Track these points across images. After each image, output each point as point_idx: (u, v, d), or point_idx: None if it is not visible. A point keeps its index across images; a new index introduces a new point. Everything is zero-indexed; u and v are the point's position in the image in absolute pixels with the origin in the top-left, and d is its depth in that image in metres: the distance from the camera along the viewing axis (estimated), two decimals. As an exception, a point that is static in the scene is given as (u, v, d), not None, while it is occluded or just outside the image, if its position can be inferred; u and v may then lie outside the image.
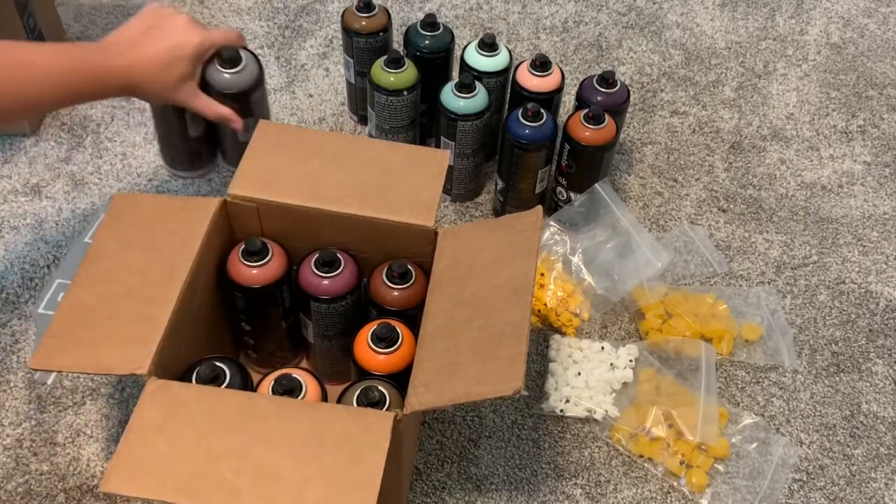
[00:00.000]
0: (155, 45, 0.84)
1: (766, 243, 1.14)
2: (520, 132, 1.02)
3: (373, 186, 0.84)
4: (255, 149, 0.87)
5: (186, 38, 0.85)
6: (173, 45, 0.85)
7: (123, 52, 0.83)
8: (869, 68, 1.38)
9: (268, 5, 1.40)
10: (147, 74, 0.84)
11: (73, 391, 0.94)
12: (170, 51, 0.84)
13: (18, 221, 1.09)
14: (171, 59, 0.84)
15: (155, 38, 0.85)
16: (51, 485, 0.88)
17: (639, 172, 1.21)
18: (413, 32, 1.11)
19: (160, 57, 0.84)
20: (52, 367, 0.71)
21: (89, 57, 0.82)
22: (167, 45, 0.84)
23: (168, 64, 0.84)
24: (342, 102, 1.26)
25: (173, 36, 0.85)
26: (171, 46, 0.85)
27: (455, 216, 1.15)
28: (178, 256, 0.77)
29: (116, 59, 0.83)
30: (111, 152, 1.17)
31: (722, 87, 1.34)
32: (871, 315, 1.07)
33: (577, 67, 1.34)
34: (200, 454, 0.65)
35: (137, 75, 0.84)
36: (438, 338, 0.73)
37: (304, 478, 0.64)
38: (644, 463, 0.92)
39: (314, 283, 0.83)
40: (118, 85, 0.84)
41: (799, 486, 0.92)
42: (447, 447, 0.93)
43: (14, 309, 1.00)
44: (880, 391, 1.00)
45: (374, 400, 0.72)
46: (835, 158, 1.25)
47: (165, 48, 0.84)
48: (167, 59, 0.84)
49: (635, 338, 1.03)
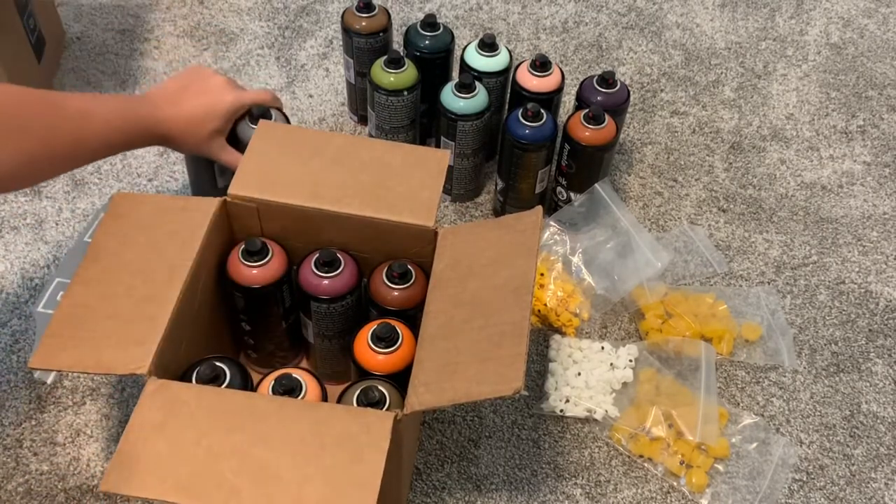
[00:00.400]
0: (192, 101, 0.90)
1: (766, 243, 1.14)
2: (520, 132, 1.02)
3: (373, 186, 0.84)
4: (255, 149, 0.87)
5: (221, 96, 0.91)
6: (208, 103, 0.90)
7: (163, 106, 0.89)
8: (869, 68, 1.38)
9: (268, 5, 1.40)
10: (182, 128, 0.89)
11: (73, 391, 0.94)
12: (205, 107, 0.90)
13: (18, 221, 1.09)
14: (206, 115, 0.90)
15: (193, 95, 0.90)
16: (51, 485, 0.88)
17: (639, 172, 1.21)
18: (413, 32, 1.11)
19: (195, 112, 0.90)
20: (52, 367, 0.71)
21: (138, 108, 0.87)
22: (203, 102, 0.90)
23: (202, 120, 0.90)
24: (342, 102, 1.26)
25: (209, 94, 0.91)
26: (207, 104, 0.90)
27: (455, 216, 1.15)
28: (178, 256, 0.77)
29: (159, 111, 0.88)
30: (111, 152, 1.17)
31: (722, 87, 1.34)
32: (871, 315, 1.07)
33: (577, 67, 1.34)
34: (200, 454, 0.65)
35: (175, 128, 0.89)
36: (438, 338, 0.73)
37: (305, 477, 0.64)
38: (644, 463, 0.92)
39: (314, 283, 0.83)
40: (158, 135, 0.88)
41: (799, 486, 0.92)
42: (447, 447, 0.93)
43: (14, 309, 1.00)
44: (880, 391, 1.00)
45: (374, 400, 0.72)
46: (835, 158, 1.25)
47: (201, 104, 0.90)
48: (202, 115, 0.90)
49: (635, 338, 1.03)
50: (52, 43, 1.25)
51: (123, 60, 1.30)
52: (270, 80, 1.28)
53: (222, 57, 1.31)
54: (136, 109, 0.87)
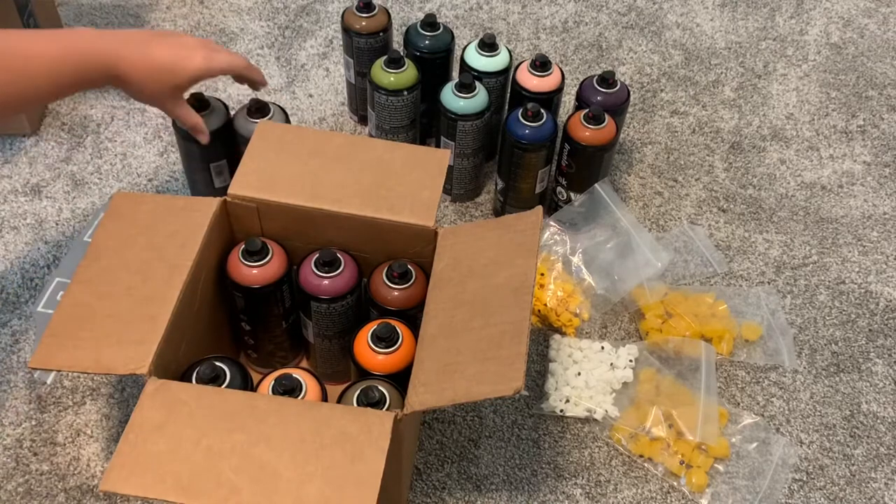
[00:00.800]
0: (162, 49, 0.85)
1: (766, 243, 1.14)
2: (520, 132, 1.02)
3: (373, 186, 0.84)
4: (255, 149, 0.87)
5: (192, 53, 0.87)
6: (179, 56, 0.86)
7: (129, 45, 0.84)
8: (869, 68, 1.38)
9: (268, 5, 1.40)
10: (144, 74, 0.84)
11: (73, 391, 0.94)
12: (174, 60, 0.86)
13: (18, 221, 1.09)
14: (173, 67, 0.86)
15: (165, 44, 0.86)
16: (51, 485, 0.88)
17: (639, 172, 1.21)
18: (413, 32, 1.11)
19: (163, 61, 0.85)
20: (52, 367, 0.71)
21: (98, 41, 0.83)
22: (173, 54, 0.86)
23: (168, 71, 0.85)
24: (342, 102, 1.26)
25: (182, 49, 0.87)
26: (177, 57, 0.86)
27: (455, 216, 1.15)
28: (178, 256, 0.77)
29: (123, 49, 0.83)
30: (111, 152, 1.17)
31: (722, 87, 1.34)
32: (871, 315, 1.07)
33: (577, 67, 1.34)
34: (200, 453, 0.65)
35: (136, 71, 0.84)
36: (438, 338, 0.73)
37: (305, 477, 0.64)
38: (644, 463, 0.92)
39: (314, 283, 0.83)
40: (115, 74, 0.84)
41: (799, 486, 0.92)
42: (447, 447, 0.93)
43: (14, 309, 1.00)
44: (880, 391, 1.00)
45: (374, 400, 0.72)
46: (835, 158, 1.25)
47: (172, 55, 0.86)
48: (169, 66, 0.85)
49: (635, 338, 1.03)
50: (52, 43, 1.25)
51: (123, 60, 1.30)
52: (270, 80, 1.28)
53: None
54: (91, 44, 0.82)
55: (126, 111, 1.22)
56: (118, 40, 0.84)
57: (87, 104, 1.23)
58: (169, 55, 0.86)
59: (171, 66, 0.86)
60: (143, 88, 0.86)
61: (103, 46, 0.83)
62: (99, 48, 0.82)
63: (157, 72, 0.85)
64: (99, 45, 0.82)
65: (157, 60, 0.85)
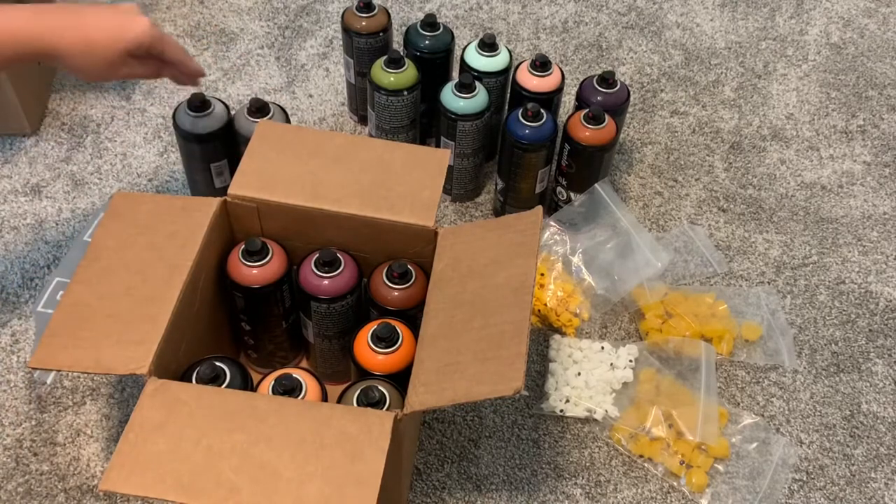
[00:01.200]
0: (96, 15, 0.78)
1: (766, 243, 1.14)
2: (520, 132, 1.02)
3: (373, 186, 0.84)
4: (255, 149, 0.87)
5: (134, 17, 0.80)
6: (119, 21, 0.79)
7: (52, 15, 0.77)
8: (869, 68, 1.38)
9: (268, 5, 1.40)
10: (80, 45, 0.77)
11: (73, 391, 0.94)
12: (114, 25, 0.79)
13: (18, 221, 1.09)
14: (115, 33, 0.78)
15: (97, 10, 0.79)
16: (51, 485, 0.88)
17: (639, 172, 1.21)
18: (413, 32, 1.11)
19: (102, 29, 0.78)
20: (52, 367, 0.71)
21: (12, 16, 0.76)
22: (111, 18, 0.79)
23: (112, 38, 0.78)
24: (342, 102, 1.26)
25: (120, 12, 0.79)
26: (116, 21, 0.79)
27: (455, 216, 1.15)
28: (178, 256, 0.77)
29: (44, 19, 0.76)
30: (111, 152, 1.17)
31: (722, 87, 1.34)
32: (871, 315, 1.07)
33: (577, 67, 1.34)
34: (200, 453, 0.65)
35: (67, 43, 0.77)
36: (438, 338, 0.73)
37: (305, 477, 0.64)
38: (644, 463, 0.92)
39: (314, 283, 0.83)
40: (42, 49, 0.77)
41: (799, 486, 0.92)
42: (447, 447, 0.93)
43: (14, 309, 1.00)
44: (880, 391, 1.00)
45: (374, 400, 0.72)
46: (835, 158, 1.25)
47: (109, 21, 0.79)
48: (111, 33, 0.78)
49: (635, 338, 1.03)
50: (52, 43, 1.25)
51: (123, 60, 1.30)
52: (270, 80, 1.28)
53: (222, 57, 1.31)
54: (6, 16, 0.75)
55: (126, 111, 1.22)
56: (41, 10, 0.77)
57: (87, 104, 1.23)
58: (108, 19, 0.78)
59: (113, 29, 0.78)
60: (82, 60, 0.78)
61: (22, 19, 0.76)
62: (17, 21, 0.76)
63: (97, 39, 0.78)
64: (17, 18, 0.76)
65: (92, 27, 0.78)
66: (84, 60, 0.78)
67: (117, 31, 0.78)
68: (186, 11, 1.38)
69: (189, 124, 0.98)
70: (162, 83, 1.26)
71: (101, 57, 0.78)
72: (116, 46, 0.78)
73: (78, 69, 0.80)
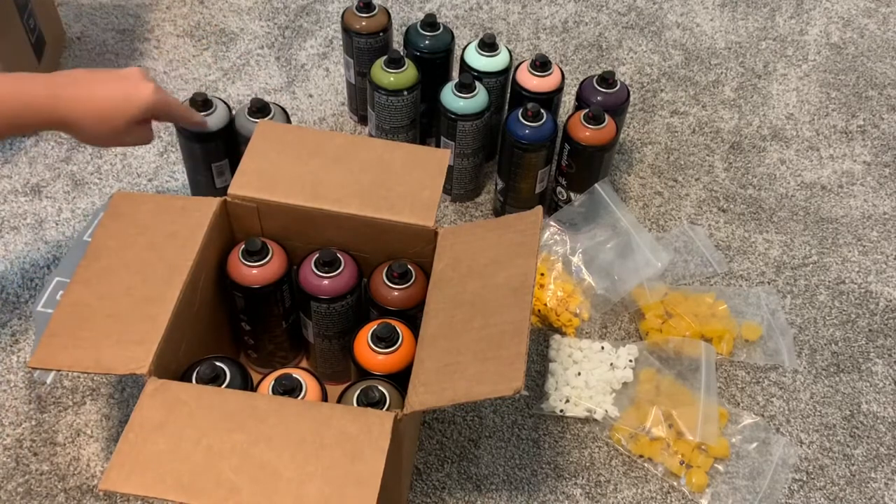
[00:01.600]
0: (104, 85, 0.81)
1: (766, 243, 1.14)
2: (520, 132, 1.02)
3: (373, 186, 0.84)
4: (255, 149, 0.87)
5: (139, 83, 0.83)
6: (126, 89, 0.82)
7: (65, 86, 0.80)
8: (869, 68, 1.38)
9: (268, 5, 1.40)
10: (90, 115, 0.81)
11: (73, 391, 0.94)
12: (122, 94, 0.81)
13: (18, 221, 1.09)
14: (124, 101, 0.81)
15: (104, 80, 0.82)
16: (51, 485, 0.88)
17: (639, 172, 1.21)
18: (413, 32, 1.11)
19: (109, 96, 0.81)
20: (52, 366, 0.71)
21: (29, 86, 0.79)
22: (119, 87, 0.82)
23: (119, 107, 0.81)
24: (342, 102, 1.26)
25: (127, 80, 0.82)
26: (124, 90, 0.82)
27: (455, 216, 1.15)
28: (178, 256, 0.77)
29: (59, 90, 0.79)
30: (111, 152, 1.17)
31: (722, 87, 1.34)
32: (871, 315, 1.07)
33: (577, 67, 1.34)
34: (200, 453, 0.65)
35: (78, 113, 0.80)
36: (439, 338, 0.73)
37: (305, 477, 0.64)
38: (644, 463, 0.92)
39: (314, 283, 0.83)
40: (55, 118, 0.80)
41: (799, 486, 0.92)
42: (447, 447, 0.93)
43: (14, 309, 1.00)
44: (880, 391, 1.00)
45: (374, 400, 0.72)
46: (835, 158, 1.25)
47: (117, 89, 0.82)
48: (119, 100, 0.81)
49: (635, 338, 1.03)
50: (52, 43, 1.25)
51: (123, 60, 1.30)
52: (270, 80, 1.28)
53: (222, 57, 1.31)
54: (23, 88, 0.78)
55: (126, 111, 1.22)
56: (54, 83, 0.80)
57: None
58: (114, 89, 0.81)
59: (120, 100, 0.81)
60: (92, 130, 0.82)
61: (38, 91, 0.79)
62: (33, 93, 0.79)
63: (105, 110, 0.81)
64: (33, 90, 0.79)
65: (100, 98, 0.81)
66: (94, 130, 0.82)
67: (124, 101, 0.82)
68: (186, 11, 1.38)
69: None
70: (161, 83, 1.26)
71: (109, 126, 0.82)
72: (124, 116, 0.82)
73: (87, 138, 0.84)
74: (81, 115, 0.80)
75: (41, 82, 0.80)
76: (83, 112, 0.80)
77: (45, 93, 0.79)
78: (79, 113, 0.80)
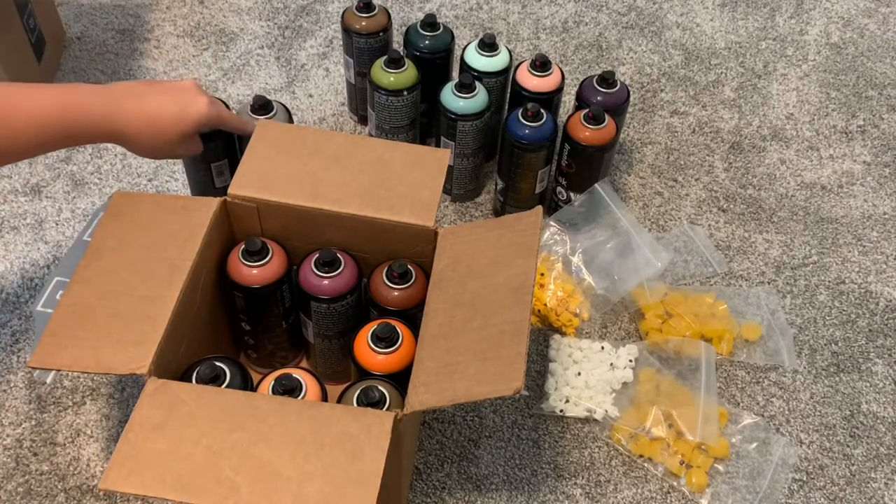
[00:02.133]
0: (160, 97, 0.81)
1: (766, 243, 1.14)
2: (520, 132, 1.02)
3: (373, 186, 0.84)
4: (255, 149, 0.87)
5: (194, 98, 0.83)
6: (182, 102, 0.82)
7: (122, 98, 0.80)
8: (869, 68, 1.38)
9: (268, 5, 1.40)
10: (143, 127, 0.81)
11: (73, 391, 0.94)
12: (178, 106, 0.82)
13: (18, 221, 1.09)
14: (179, 114, 0.81)
15: (161, 91, 0.82)
16: (51, 485, 0.88)
17: (639, 172, 1.21)
18: (413, 32, 1.11)
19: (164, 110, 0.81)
20: (52, 366, 0.71)
21: (86, 98, 0.79)
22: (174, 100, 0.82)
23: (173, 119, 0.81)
24: (342, 102, 1.26)
25: (183, 94, 0.83)
26: (180, 103, 0.82)
27: (455, 216, 1.15)
28: (178, 256, 0.77)
29: (115, 102, 0.79)
30: (111, 152, 1.17)
31: (722, 87, 1.34)
32: (871, 315, 1.07)
33: (577, 67, 1.34)
34: (200, 452, 0.65)
35: (133, 125, 0.80)
36: (439, 338, 0.73)
37: (305, 476, 0.64)
38: (644, 463, 0.92)
39: (314, 283, 0.83)
40: (111, 131, 0.80)
41: (799, 486, 0.92)
42: (447, 447, 0.93)
43: (14, 309, 1.00)
44: (880, 391, 1.00)
45: (374, 400, 0.72)
46: (835, 158, 1.25)
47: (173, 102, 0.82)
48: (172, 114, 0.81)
49: (635, 338, 1.03)
50: (52, 43, 1.25)
51: (123, 60, 1.30)
52: (270, 80, 1.28)
53: (222, 57, 1.31)
54: (81, 100, 0.78)
55: (126, 111, 1.22)
56: (111, 95, 0.80)
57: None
58: (170, 102, 0.81)
59: (175, 113, 0.81)
60: (146, 143, 0.82)
61: (96, 104, 0.79)
62: (91, 105, 0.78)
63: (160, 122, 0.81)
64: (91, 103, 0.78)
65: (156, 111, 0.81)
66: (148, 144, 0.82)
67: (180, 114, 0.82)
68: (186, 11, 1.38)
69: None
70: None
71: (164, 140, 0.82)
72: (178, 129, 0.82)
73: (141, 151, 0.83)
74: (137, 128, 0.80)
75: (99, 94, 0.79)
76: (139, 125, 0.80)
77: (102, 105, 0.79)
78: (135, 126, 0.80)
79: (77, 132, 0.79)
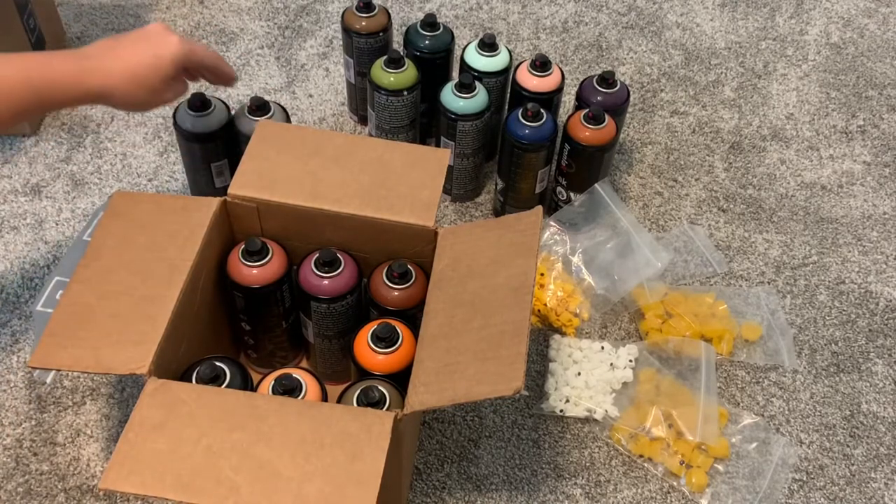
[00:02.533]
0: (132, 48, 0.80)
1: (766, 243, 1.14)
2: (520, 132, 1.02)
3: (373, 186, 0.84)
4: (255, 149, 0.87)
5: (165, 39, 0.82)
6: (155, 48, 0.81)
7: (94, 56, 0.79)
8: (869, 68, 1.38)
9: (268, 5, 1.40)
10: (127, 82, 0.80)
11: (73, 391, 0.94)
12: (152, 54, 0.80)
13: (18, 221, 1.09)
14: (155, 61, 0.80)
15: (131, 42, 0.81)
16: (51, 485, 0.88)
17: (639, 172, 1.21)
18: (413, 32, 1.11)
19: (141, 60, 0.80)
20: (52, 366, 0.71)
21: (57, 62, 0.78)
22: (147, 48, 0.80)
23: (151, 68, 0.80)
24: (342, 102, 1.26)
25: (152, 39, 0.81)
26: (153, 49, 0.81)
27: (455, 216, 1.15)
28: (178, 256, 0.77)
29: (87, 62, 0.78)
30: (111, 152, 1.17)
31: (722, 87, 1.34)
32: (871, 315, 1.07)
33: (577, 67, 1.34)
34: (200, 452, 0.65)
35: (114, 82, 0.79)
36: (439, 338, 0.73)
37: (305, 476, 0.64)
38: (644, 463, 0.92)
39: (314, 283, 0.83)
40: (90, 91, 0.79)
41: (799, 486, 0.92)
42: (447, 447, 0.93)
43: (14, 309, 1.00)
44: (880, 391, 1.00)
45: (374, 400, 0.72)
46: (835, 158, 1.25)
47: (146, 50, 0.80)
48: (150, 62, 0.80)
49: (635, 338, 1.03)
50: (52, 43, 1.25)
51: (123, 60, 1.30)
52: (270, 80, 1.28)
53: (222, 57, 1.31)
54: (46, 63, 0.77)
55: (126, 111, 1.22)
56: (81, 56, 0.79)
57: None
58: (144, 50, 0.80)
59: (151, 59, 0.80)
60: (129, 96, 0.81)
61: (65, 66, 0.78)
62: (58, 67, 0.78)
63: (140, 72, 0.80)
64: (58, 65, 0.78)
65: (133, 61, 0.80)
66: (132, 96, 0.81)
67: (155, 59, 0.80)
68: (186, 11, 1.38)
69: (189, 124, 0.98)
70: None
71: (146, 88, 0.81)
72: (159, 75, 0.81)
73: (127, 103, 0.82)
74: (118, 84, 0.79)
75: (67, 56, 0.79)
76: (119, 81, 0.79)
77: (73, 66, 0.78)
78: (115, 82, 0.79)
79: (49, 95, 0.78)
